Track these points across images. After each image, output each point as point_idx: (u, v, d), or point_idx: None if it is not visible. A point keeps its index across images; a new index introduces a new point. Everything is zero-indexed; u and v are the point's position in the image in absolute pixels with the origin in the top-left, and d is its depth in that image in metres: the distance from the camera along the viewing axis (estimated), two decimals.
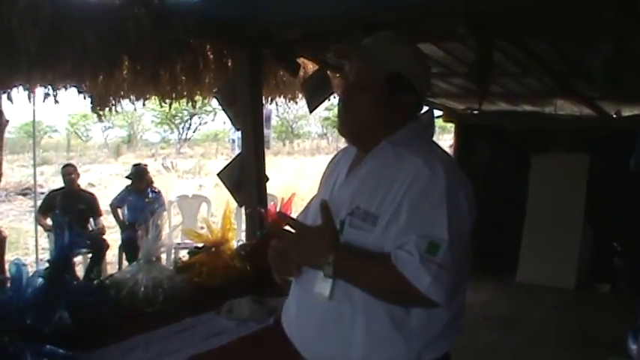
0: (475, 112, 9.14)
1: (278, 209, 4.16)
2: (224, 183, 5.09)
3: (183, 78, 4.90)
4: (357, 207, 1.88)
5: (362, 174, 1.97)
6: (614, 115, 8.04)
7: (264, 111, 5.78)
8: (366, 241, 1.84)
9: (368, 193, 1.89)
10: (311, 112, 5.65)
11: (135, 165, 9.02)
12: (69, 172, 8.15)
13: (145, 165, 9.19)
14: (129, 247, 7.64)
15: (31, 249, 9.74)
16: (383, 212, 1.83)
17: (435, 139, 2.09)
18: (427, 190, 1.78)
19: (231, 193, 5.09)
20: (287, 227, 1.97)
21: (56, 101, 4.30)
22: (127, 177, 8.88)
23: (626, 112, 7.99)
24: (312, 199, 2.30)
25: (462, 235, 1.80)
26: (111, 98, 4.84)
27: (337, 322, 1.89)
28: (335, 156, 2.29)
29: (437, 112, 8.98)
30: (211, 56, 4.94)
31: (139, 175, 8.58)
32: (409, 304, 1.81)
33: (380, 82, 1.93)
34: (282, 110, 32.70)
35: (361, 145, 2.04)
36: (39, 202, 8.39)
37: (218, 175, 5.13)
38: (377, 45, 2.00)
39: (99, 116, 4.91)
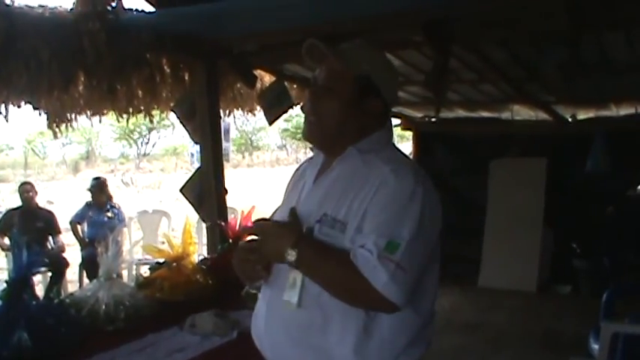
0: (433, 119, 9.21)
1: (238, 222, 4.14)
2: (187, 198, 5.05)
3: (140, 92, 4.84)
4: (325, 214, 1.88)
5: (329, 181, 1.98)
6: (570, 119, 8.16)
7: (223, 124, 5.75)
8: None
9: (335, 200, 1.89)
10: (270, 124, 5.62)
11: (95, 178, 8.95)
12: (26, 190, 8.08)
13: (105, 178, 9.12)
14: (89, 265, 7.56)
15: None
16: (351, 219, 1.83)
17: None
18: (391, 196, 1.80)
19: (194, 207, 5.05)
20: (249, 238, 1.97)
21: (6, 119, 4.22)
22: (88, 189, 8.76)
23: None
24: (275, 210, 2.29)
25: (426, 239, 1.81)
26: (67, 114, 4.78)
27: (308, 331, 1.88)
28: (300, 166, 2.28)
29: (395, 121, 9.03)
30: (168, 70, 4.88)
31: (100, 187, 8.52)
32: (367, 304, 1.81)
33: (350, 84, 1.94)
34: (240, 123, 32.69)
35: (328, 150, 2.04)
36: None
37: (180, 190, 5.08)
38: (349, 47, 2.02)
39: (54, 133, 4.84)
